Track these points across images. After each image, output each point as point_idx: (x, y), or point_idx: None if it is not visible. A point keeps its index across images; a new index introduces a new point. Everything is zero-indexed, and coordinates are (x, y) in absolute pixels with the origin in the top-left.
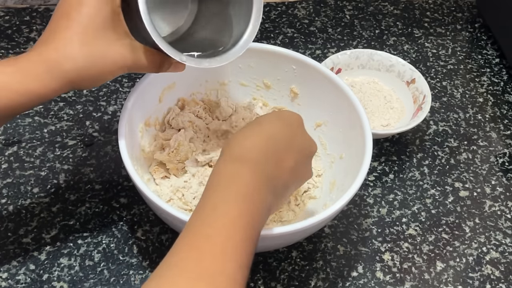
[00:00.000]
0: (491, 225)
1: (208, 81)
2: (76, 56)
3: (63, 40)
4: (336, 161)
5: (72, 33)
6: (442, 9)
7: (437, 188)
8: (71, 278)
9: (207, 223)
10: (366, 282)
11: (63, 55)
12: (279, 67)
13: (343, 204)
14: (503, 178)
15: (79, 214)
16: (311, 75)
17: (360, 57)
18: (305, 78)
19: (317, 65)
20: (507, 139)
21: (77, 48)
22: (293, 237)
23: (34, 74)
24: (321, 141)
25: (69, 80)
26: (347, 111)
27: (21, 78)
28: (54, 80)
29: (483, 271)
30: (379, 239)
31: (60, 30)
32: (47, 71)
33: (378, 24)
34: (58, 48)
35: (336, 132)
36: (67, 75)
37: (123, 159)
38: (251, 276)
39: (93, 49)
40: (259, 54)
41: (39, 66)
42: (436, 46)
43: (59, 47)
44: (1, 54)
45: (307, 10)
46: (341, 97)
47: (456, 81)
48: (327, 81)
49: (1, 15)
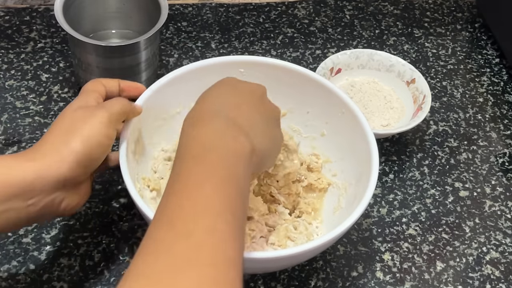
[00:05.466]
0: (491, 225)
1: None
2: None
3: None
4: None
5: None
6: (442, 9)
7: (437, 188)
8: (71, 278)
9: (174, 191)
10: (366, 282)
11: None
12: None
13: (348, 226)
14: (503, 178)
15: (79, 214)
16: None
17: (360, 57)
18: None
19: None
20: (507, 139)
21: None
22: (302, 257)
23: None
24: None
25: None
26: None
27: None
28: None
29: (483, 271)
30: (379, 239)
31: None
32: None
33: (378, 24)
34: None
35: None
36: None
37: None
38: (251, 276)
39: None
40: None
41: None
42: (436, 46)
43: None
44: (1, 54)
45: (307, 10)
46: (336, 101)
47: (456, 81)
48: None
49: (1, 15)
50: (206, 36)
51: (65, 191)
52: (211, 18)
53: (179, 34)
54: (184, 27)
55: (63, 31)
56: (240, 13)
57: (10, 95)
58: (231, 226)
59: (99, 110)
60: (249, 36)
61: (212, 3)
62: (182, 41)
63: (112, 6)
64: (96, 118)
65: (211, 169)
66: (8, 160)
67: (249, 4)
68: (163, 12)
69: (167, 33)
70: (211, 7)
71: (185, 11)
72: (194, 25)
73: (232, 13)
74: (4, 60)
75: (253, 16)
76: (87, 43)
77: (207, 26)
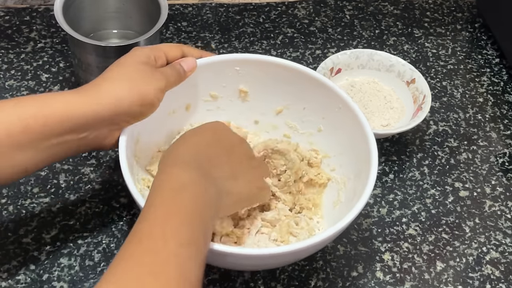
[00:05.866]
0: (491, 225)
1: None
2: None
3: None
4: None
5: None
6: (442, 9)
7: (437, 188)
8: (71, 278)
9: (143, 219)
10: (366, 282)
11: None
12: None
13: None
14: (503, 178)
15: (79, 214)
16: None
17: (360, 57)
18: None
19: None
20: (507, 139)
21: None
22: (305, 252)
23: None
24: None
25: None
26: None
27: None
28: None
29: (483, 271)
30: (379, 239)
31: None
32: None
33: (378, 24)
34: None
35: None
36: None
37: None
38: (251, 276)
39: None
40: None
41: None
42: (436, 46)
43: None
44: (1, 54)
45: (307, 10)
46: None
47: (456, 81)
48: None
49: (1, 15)
50: (206, 36)
51: (110, 130)
52: (211, 18)
53: (179, 34)
54: (184, 27)
55: (63, 31)
56: (240, 13)
57: (10, 95)
58: (193, 255)
59: (160, 76)
60: (249, 36)
61: (212, 3)
62: (182, 41)
63: (112, 6)
64: (156, 82)
65: (181, 205)
66: (69, 96)
67: (249, 4)
68: (163, 12)
69: (167, 33)
70: (211, 7)
71: (185, 11)
72: (194, 25)
73: (232, 13)
74: (4, 60)
75: (253, 16)
76: (87, 43)
77: (207, 26)
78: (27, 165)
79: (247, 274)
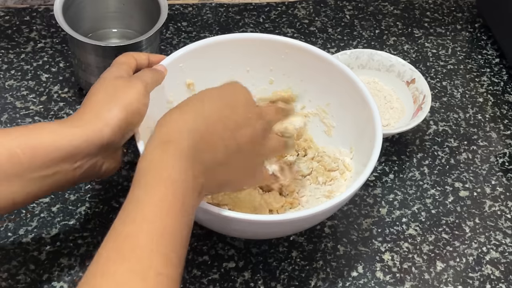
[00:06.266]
0: (491, 225)
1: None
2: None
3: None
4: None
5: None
6: (442, 9)
7: (437, 188)
8: (71, 278)
9: (129, 220)
10: (366, 282)
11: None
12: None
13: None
14: (503, 178)
15: (79, 214)
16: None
17: (360, 57)
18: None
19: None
20: (507, 139)
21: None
22: (308, 222)
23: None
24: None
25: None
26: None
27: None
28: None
29: (483, 271)
30: (379, 239)
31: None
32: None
33: (378, 24)
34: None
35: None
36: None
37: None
38: (251, 276)
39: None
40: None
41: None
42: (436, 46)
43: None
44: (1, 54)
45: (307, 10)
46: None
47: (456, 81)
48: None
49: (1, 15)
50: (206, 36)
51: (105, 156)
52: (211, 18)
53: (179, 34)
54: (184, 27)
55: (63, 31)
56: (240, 13)
57: (10, 95)
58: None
59: (136, 81)
60: None
61: (212, 3)
62: (182, 41)
63: (112, 6)
64: (135, 88)
65: (169, 205)
66: (55, 126)
67: (249, 4)
68: (163, 12)
69: (167, 33)
70: (211, 7)
71: (185, 11)
72: (194, 25)
73: (232, 13)
74: (4, 60)
75: (253, 16)
76: (86, 43)
77: (207, 26)
78: (14, 197)
79: (247, 274)
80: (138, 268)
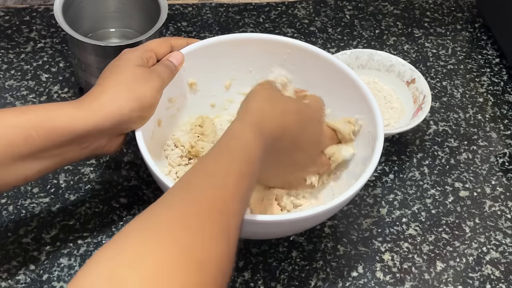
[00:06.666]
0: (491, 225)
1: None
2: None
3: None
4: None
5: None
6: (442, 9)
7: (437, 188)
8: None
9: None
10: (366, 282)
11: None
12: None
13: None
14: (503, 178)
15: (79, 214)
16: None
17: (360, 57)
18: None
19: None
20: (507, 139)
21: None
22: (308, 222)
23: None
24: None
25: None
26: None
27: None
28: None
29: (483, 271)
30: (379, 239)
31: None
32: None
33: (378, 24)
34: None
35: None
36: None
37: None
38: (251, 276)
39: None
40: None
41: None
42: (436, 46)
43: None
44: (1, 54)
45: (307, 10)
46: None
47: (456, 81)
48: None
49: (1, 15)
50: (206, 36)
51: (110, 138)
52: (211, 18)
53: (179, 34)
54: (184, 27)
55: (63, 31)
56: (240, 13)
57: (10, 95)
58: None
59: (155, 77)
60: None
61: (212, 3)
62: None
63: (112, 6)
64: (152, 83)
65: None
66: (70, 110)
67: (249, 4)
68: (163, 12)
69: (167, 33)
70: (211, 7)
71: (185, 11)
72: (194, 25)
73: (232, 13)
74: (4, 60)
75: (253, 16)
76: (86, 43)
77: (207, 26)
78: (27, 174)
79: (247, 274)
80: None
